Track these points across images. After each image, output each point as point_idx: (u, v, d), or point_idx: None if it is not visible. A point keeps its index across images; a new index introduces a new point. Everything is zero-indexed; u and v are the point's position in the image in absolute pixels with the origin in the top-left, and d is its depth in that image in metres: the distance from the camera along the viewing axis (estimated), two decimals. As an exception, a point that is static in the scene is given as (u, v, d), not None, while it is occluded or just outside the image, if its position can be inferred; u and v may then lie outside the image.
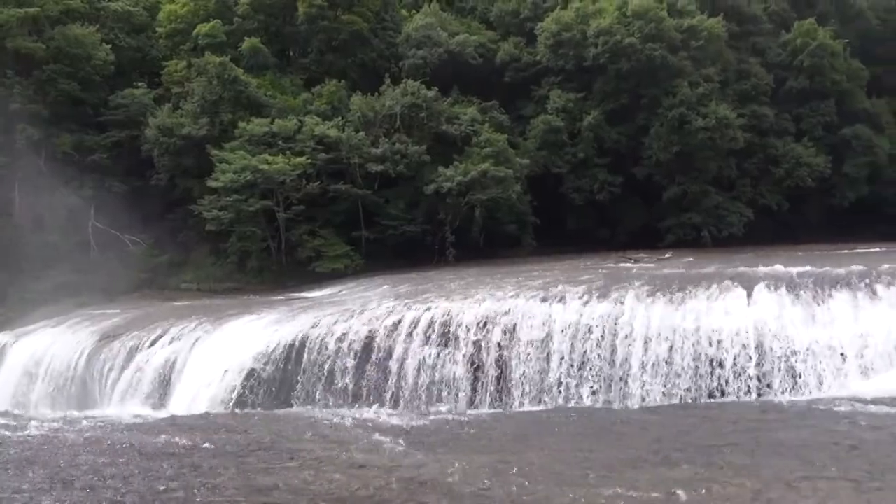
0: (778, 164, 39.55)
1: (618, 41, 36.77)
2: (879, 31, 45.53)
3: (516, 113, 39.48)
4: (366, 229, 32.70)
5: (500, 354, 14.64)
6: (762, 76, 40.78)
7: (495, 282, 19.75)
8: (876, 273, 16.02)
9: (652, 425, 11.45)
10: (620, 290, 15.92)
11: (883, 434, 10.02)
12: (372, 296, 20.79)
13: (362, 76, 38.32)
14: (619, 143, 38.22)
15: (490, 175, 31.73)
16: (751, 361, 13.67)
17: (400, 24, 41.00)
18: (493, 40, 41.74)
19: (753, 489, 8.15)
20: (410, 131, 33.74)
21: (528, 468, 9.24)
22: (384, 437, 11.31)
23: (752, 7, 42.99)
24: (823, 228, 40.09)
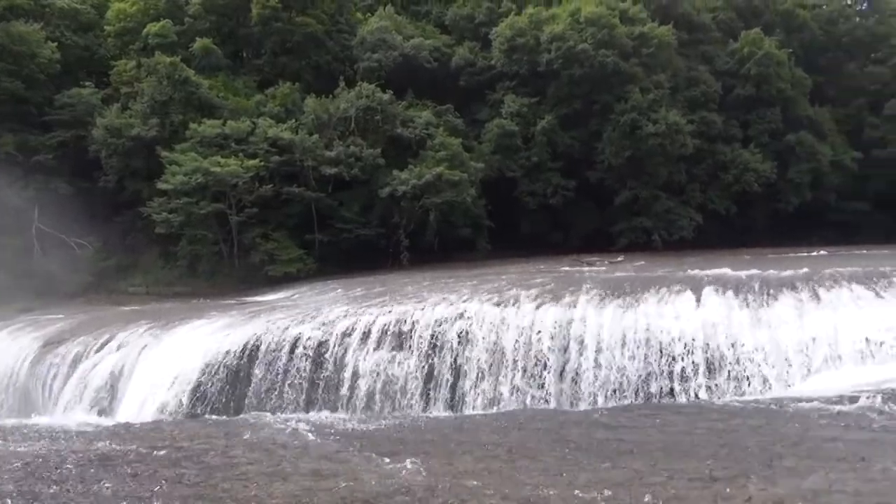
0: (726, 169, 40.52)
1: (571, 47, 37.27)
2: (822, 42, 47.01)
3: (471, 117, 39.71)
4: (319, 232, 32.49)
5: (455, 358, 14.65)
6: (711, 83, 41.76)
7: (450, 285, 19.79)
8: (818, 277, 16.50)
9: (601, 427, 11.58)
10: (573, 293, 16.10)
11: (823, 431, 10.30)
12: (325, 300, 20.63)
13: (316, 78, 38.10)
14: (573, 147, 38.72)
15: (445, 179, 31.81)
16: (699, 363, 13.90)
17: (355, 27, 40.90)
18: (448, 44, 41.93)
19: (697, 490, 8.31)
20: (365, 134, 33.65)
21: (480, 471, 9.27)
22: (339, 442, 11.23)
23: (701, 16, 44.03)
24: (769, 232, 41.24)
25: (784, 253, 30.23)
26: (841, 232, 43.75)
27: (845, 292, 15.44)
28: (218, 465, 9.90)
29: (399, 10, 43.96)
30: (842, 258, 24.56)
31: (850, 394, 12.18)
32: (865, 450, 9.27)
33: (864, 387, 12.52)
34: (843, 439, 9.84)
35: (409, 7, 46.75)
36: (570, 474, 9.02)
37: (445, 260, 33.00)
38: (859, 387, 12.54)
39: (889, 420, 10.64)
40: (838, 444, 9.64)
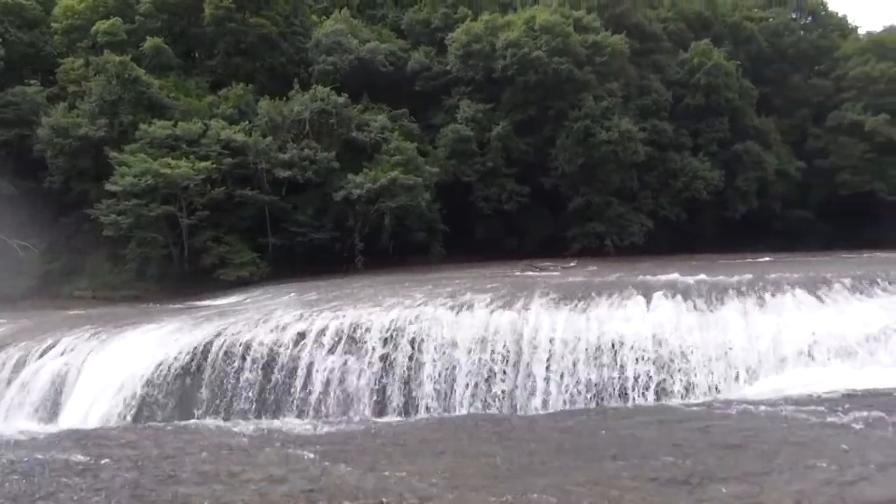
0: (676, 177, 41.33)
1: (526, 54, 37.63)
2: (768, 54, 48.33)
3: (426, 121, 39.80)
4: (273, 236, 32.14)
5: (409, 362, 14.63)
6: (662, 92, 42.58)
7: (404, 289, 19.76)
8: (763, 282, 16.94)
9: (554, 431, 11.69)
10: (526, 297, 16.24)
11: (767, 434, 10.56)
12: (278, 304, 20.38)
13: (271, 80, 37.74)
14: (527, 153, 39.07)
15: (399, 183, 31.78)
16: (649, 367, 14.13)
17: (310, 30, 40.64)
18: (403, 49, 41.96)
19: (647, 492, 8.45)
20: (320, 137, 33.43)
21: (433, 476, 9.28)
22: (290, 447, 11.12)
23: (652, 26, 44.87)
24: (717, 239, 42.20)
25: (731, 259, 30.98)
26: (785, 239, 45.03)
27: (789, 297, 15.89)
28: (165, 473, 9.70)
29: (355, 14, 43.85)
30: (786, 264, 25.27)
31: (793, 396, 12.53)
32: (808, 451, 9.53)
33: (807, 389, 12.90)
34: (786, 441, 10.10)
35: (364, 11, 46.67)
36: (522, 479, 9.09)
37: (400, 264, 32.94)
38: (802, 389, 12.92)
39: (828, 422, 10.96)
40: (782, 446, 9.89)
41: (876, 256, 31.57)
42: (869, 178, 45.35)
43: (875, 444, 9.73)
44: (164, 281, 31.02)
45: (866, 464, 8.88)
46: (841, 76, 49.16)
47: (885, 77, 46.76)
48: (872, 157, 45.43)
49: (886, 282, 16.93)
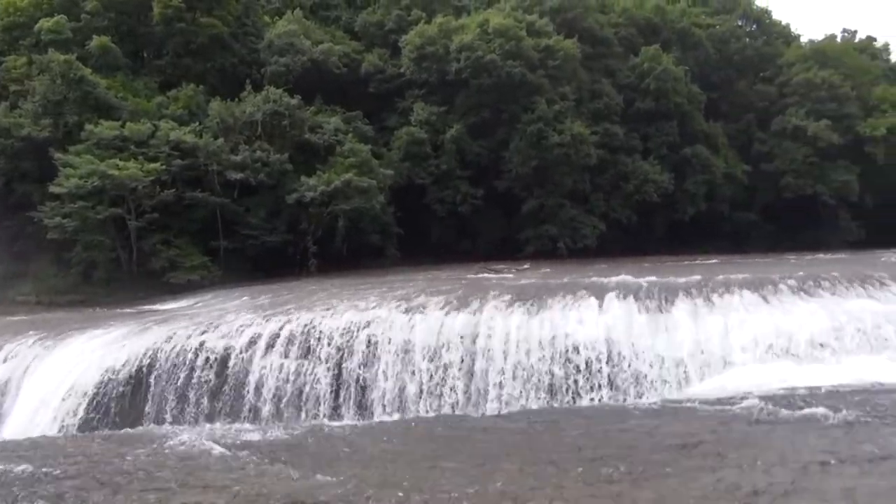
0: (627, 180, 41.93)
1: (479, 57, 37.81)
2: (715, 60, 49.37)
3: (380, 124, 39.69)
4: (224, 239, 31.67)
5: (363, 365, 14.56)
6: (613, 96, 43.17)
7: (358, 292, 19.67)
8: (712, 283, 17.33)
9: (508, 432, 11.76)
10: (480, 300, 16.31)
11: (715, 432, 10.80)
12: (230, 308, 20.11)
13: (222, 81, 37.21)
14: (481, 156, 39.25)
15: (353, 185, 31.63)
16: (602, 367, 14.33)
17: (262, 30, 40.20)
18: (357, 51, 41.78)
19: (600, 491, 8.56)
20: (272, 139, 33.08)
21: (387, 478, 9.26)
22: (241, 453, 10.95)
23: (604, 31, 45.46)
24: (668, 241, 43.00)
25: (681, 261, 31.61)
26: (732, 240, 46.15)
27: (736, 298, 16.28)
28: (109, 481, 9.47)
29: (308, 15, 43.49)
30: (733, 266, 25.89)
31: (740, 394, 12.83)
32: (750, 451, 9.76)
33: (753, 388, 13.21)
34: (730, 440, 10.34)
35: (317, 12, 46.33)
36: (476, 480, 9.12)
37: (354, 267, 32.76)
38: (748, 387, 13.24)
39: (774, 418, 11.25)
40: (727, 443, 10.13)
41: (818, 258, 32.57)
42: (811, 181, 46.68)
43: (818, 439, 10.02)
44: (111, 285, 30.28)
45: (808, 459, 9.14)
46: (784, 82, 50.51)
47: (825, 84, 48.20)
48: (814, 161, 46.78)
49: (828, 282, 17.49)
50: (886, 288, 17.27)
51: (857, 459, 9.04)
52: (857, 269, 20.62)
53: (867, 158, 47.57)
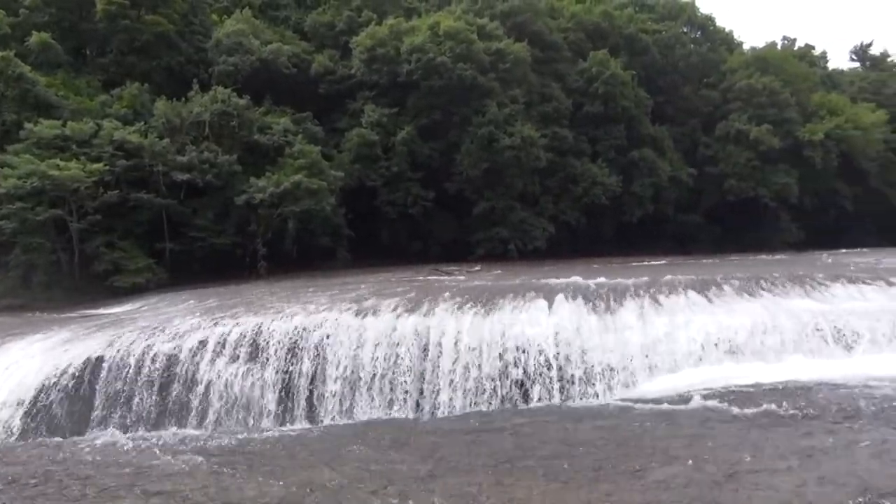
0: (576, 182, 42.48)
1: (430, 59, 37.87)
2: (661, 65, 50.39)
3: (331, 125, 39.45)
4: (170, 241, 31.06)
5: (312, 369, 14.42)
6: (562, 100, 43.69)
7: (308, 295, 19.49)
8: (659, 284, 17.65)
9: (459, 433, 11.79)
10: (431, 302, 16.31)
11: (661, 431, 11.01)
12: (176, 311, 19.70)
13: (168, 80, 36.51)
14: (432, 158, 39.30)
15: (303, 187, 31.35)
16: (552, 368, 14.44)
17: (210, 29, 39.60)
18: (307, 51, 41.46)
19: (550, 491, 8.65)
20: (220, 140, 32.60)
21: (335, 483, 9.19)
22: (188, 459, 10.74)
23: (553, 36, 46.02)
24: (616, 242, 43.71)
25: (628, 262, 32.16)
26: (678, 242, 47.24)
27: (682, 299, 16.60)
28: (47, 491, 9.19)
29: (256, 14, 42.99)
30: (679, 267, 26.44)
31: (686, 393, 13.09)
32: (696, 448, 9.98)
33: (698, 386, 13.50)
34: (677, 437, 10.55)
35: (266, 11, 45.82)
36: (427, 483, 9.13)
37: (305, 269, 32.48)
38: (694, 386, 13.52)
39: (719, 417, 11.52)
40: (673, 442, 10.33)
41: (760, 259, 33.53)
42: (753, 184, 48.03)
43: (763, 435, 10.30)
44: (52, 289, 29.39)
45: (755, 455, 9.39)
46: (728, 88, 51.87)
47: (767, 90, 49.67)
48: (756, 165, 48.16)
49: (769, 283, 17.98)
50: (824, 288, 17.84)
51: (801, 454, 9.32)
52: (797, 269, 21.30)
53: (806, 162, 49.20)
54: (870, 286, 18.00)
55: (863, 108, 54.53)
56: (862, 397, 12.05)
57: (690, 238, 48.81)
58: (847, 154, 50.85)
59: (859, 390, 12.54)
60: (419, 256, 37.42)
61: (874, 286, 17.99)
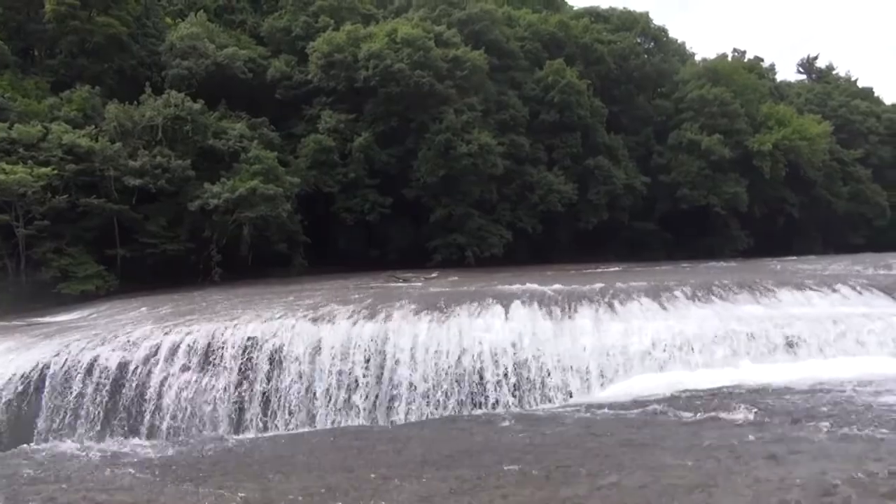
0: (533, 190, 42.82)
1: (388, 66, 37.84)
2: (616, 75, 51.15)
3: (287, 131, 39.12)
4: (122, 247, 30.39)
5: (268, 377, 14.25)
6: (519, 108, 44.02)
7: (264, 302, 19.28)
8: (613, 291, 17.89)
9: (416, 440, 11.77)
10: (388, 308, 16.27)
11: (616, 436, 11.14)
12: (127, 319, 19.30)
13: (120, 83, 35.81)
14: (389, 164, 39.23)
15: (259, 193, 31.00)
16: (509, 373, 14.51)
17: (163, 32, 38.97)
18: (263, 56, 41.09)
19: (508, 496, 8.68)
20: (174, 144, 32.05)
21: (290, 492, 9.09)
22: (136, 471, 10.52)
23: (510, 44, 46.36)
24: (572, 249, 44.15)
25: (584, 268, 32.51)
26: (633, 249, 47.97)
27: (636, 305, 16.86)
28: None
29: (212, 18, 42.48)
30: (633, 273, 26.82)
31: (641, 398, 13.28)
32: (651, 452, 10.12)
33: (652, 391, 13.71)
34: (631, 442, 10.69)
35: (222, 15, 45.31)
36: (383, 491, 9.08)
37: (260, 276, 32.11)
38: (648, 392, 13.72)
39: (673, 422, 11.71)
40: (628, 447, 10.46)
41: (711, 266, 34.20)
42: (705, 192, 49.06)
43: (715, 438, 10.49)
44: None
45: (707, 457, 9.55)
46: (680, 98, 52.95)
47: (717, 100, 50.83)
48: (708, 174, 49.21)
49: (720, 289, 18.37)
50: (772, 294, 18.30)
51: (755, 457, 9.49)
52: (747, 276, 21.80)
53: (755, 172, 50.44)
54: (816, 292, 18.53)
55: (809, 120, 56.18)
56: (809, 401, 12.37)
57: (644, 245, 49.62)
58: (794, 164, 52.30)
59: (806, 394, 12.87)
60: (376, 263, 37.29)
61: (819, 292, 18.52)
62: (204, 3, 44.17)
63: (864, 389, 12.99)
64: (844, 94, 68.98)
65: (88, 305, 25.94)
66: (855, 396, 12.51)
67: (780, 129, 52.19)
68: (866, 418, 11.01)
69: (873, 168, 62.58)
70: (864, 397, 12.40)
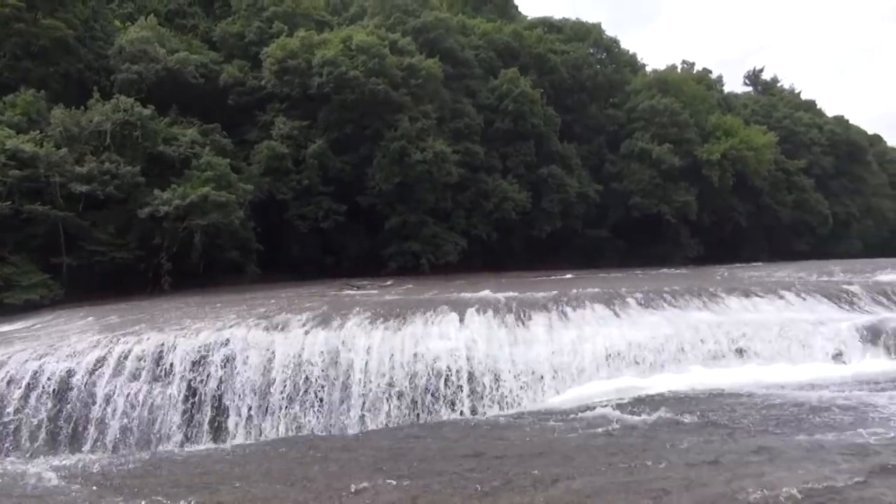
0: (488, 197, 43.06)
1: (342, 73, 37.70)
2: (569, 85, 51.81)
3: (240, 137, 38.62)
4: (68, 255, 29.54)
5: (219, 387, 14.02)
6: (474, 116, 44.27)
7: (215, 311, 18.97)
8: (566, 298, 18.08)
9: (370, 449, 11.69)
10: (342, 316, 16.17)
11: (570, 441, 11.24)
12: (73, 329, 18.77)
13: (66, 87, 34.94)
14: (344, 171, 39.02)
15: (211, 200, 30.49)
16: (463, 381, 14.54)
17: (112, 36, 38.17)
18: (216, 61, 40.54)
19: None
20: (123, 150, 31.36)
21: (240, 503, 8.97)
22: (81, 486, 10.24)
23: (465, 53, 46.62)
24: (526, 256, 44.50)
25: (538, 276, 32.79)
26: (586, 256, 48.57)
27: (589, 312, 17.08)
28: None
29: (162, 22, 41.74)
30: (586, 280, 27.13)
31: (593, 404, 13.44)
32: (603, 457, 10.24)
33: (605, 397, 13.92)
34: (584, 447, 10.80)
35: (173, 20, 44.56)
36: (335, 498, 9.00)
37: (212, 284, 31.59)
38: (601, 397, 13.92)
39: (625, 426, 11.86)
40: (580, 452, 10.56)
41: (662, 273, 34.81)
42: (656, 200, 49.97)
43: (665, 442, 10.66)
44: (-66, 306, 27.51)
45: (659, 463, 9.69)
46: (632, 108, 53.90)
47: (668, 111, 51.90)
48: (659, 182, 50.15)
49: (671, 296, 18.71)
50: (721, 300, 18.72)
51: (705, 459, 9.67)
52: (696, 283, 22.25)
53: (704, 180, 51.58)
54: (762, 299, 19.03)
55: (755, 130, 57.70)
56: (756, 405, 12.68)
57: (597, 252, 50.29)
58: (741, 173, 53.64)
59: (754, 398, 13.18)
60: (331, 271, 37.01)
61: (766, 299, 19.02)
62: (154, 7, 43.40)
63: (808, 393, 13.37)
64: (788, 105, 71.10)
65: (32, 315, 25.17)
66: (799, 400, 12.85)
67: (728, 139, 53.49)
68: (811, 422, 11.32)
69: (816, 178, 64.58)
70: (808, 401, 12.75)
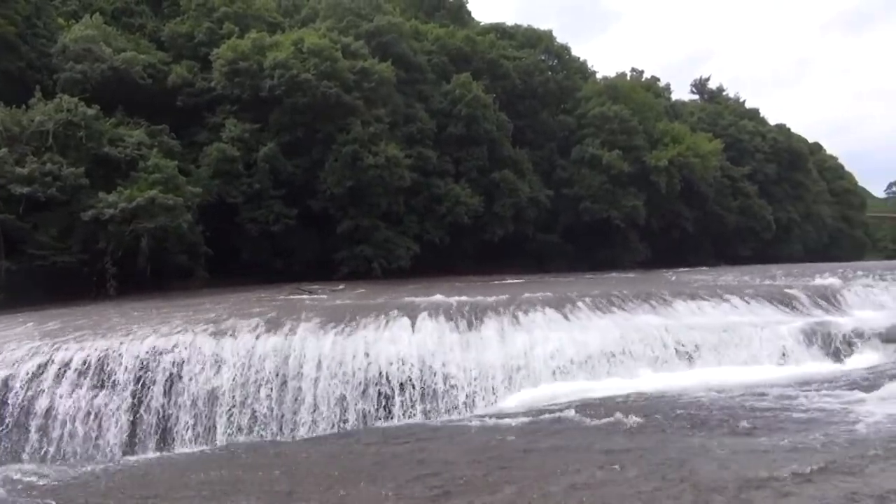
0: (440, 202, 43.15)
1: (294, 75, 37.38)
2: (521, 91, 52.29)
3: (189, 139, 37.97)
4: (7, 259, 28.66)
5: (165, 394, 13.71)
6: (426, 121, 44.34)
7: (162, 316, 18.57)
8: (518, 302, 18.20)
9: (320, 455, 11.58)
10: (293, 321, 16.00)
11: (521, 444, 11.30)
12: (11, 335, 18.15)
13: (6, 86, 33.88)
14: (295, 175, 38.67)
15: (158, 203, 29.89)
16: (415, 386, 14.51)
17: (56, 34, 37.17)
18: (164, 62, 39.80)
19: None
20: (66, 151, 30.54)
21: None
22: (21, 499, 9.91)
23: (418, 57, 46.68)
24: (478, 261, 44.70)
25: (490, 280, 32.97)
26: (537, 260, 49.05)
27: (540, 316, 17.20)
28: None
29: (108, 21, 40.81)
30: (537, 284, 27.39)
31: (544, 407, 13.54)
32: (554, 460, 10.31)
33: (556, 400, 14.02)
34: (534, 451, 10.86)
35: (120, 18, 43.57)
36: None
37: (159, 289, 30.95)
38: (551, 401, 14.02)
39: (575, 430, 11.97)
40: (531, 456, 10.62)
41: (612, 276, 35.34)
42: (606, 206, 50.77)
43: (614, 445, 10.78)
44: None
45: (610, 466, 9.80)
46: (582, 114, 54.67)
47: (617, 118, 52.80)
48: (609, 188, 50.97)
49: (619, 300, 18.99)
50: (668, 304, 19.06)
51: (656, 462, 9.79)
52: (645, 287, 22.62)
53: (652, 186, 52.60)
54: (708, 302, 19.44)
55: (701, 137, 59.08)
56: (704, 407, 12.91)
57: (548, 257, 50.81)
58: (688, 179, 54.85)
59: (701, 401, 13.43)
60: (282, 275, 36.59)
61: (711, 302, 19.45)
62: (100, 6, 42.40)
63: (752, 395, 13.68)
64: (733, 114, 73.00)
65: (-32, 321, 24.34)
66: (745, 402, 13.15)
67: (675, 145, 54.63)
68: (756, 423, 11.58)
69: (759, 184, 66.46)
70: (752, 403, 13.05)
